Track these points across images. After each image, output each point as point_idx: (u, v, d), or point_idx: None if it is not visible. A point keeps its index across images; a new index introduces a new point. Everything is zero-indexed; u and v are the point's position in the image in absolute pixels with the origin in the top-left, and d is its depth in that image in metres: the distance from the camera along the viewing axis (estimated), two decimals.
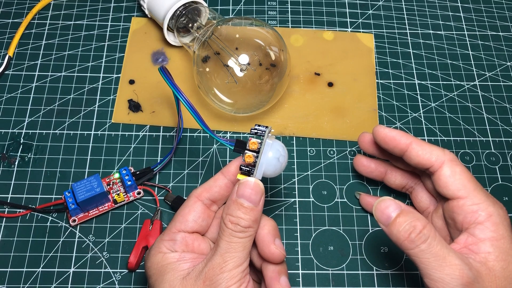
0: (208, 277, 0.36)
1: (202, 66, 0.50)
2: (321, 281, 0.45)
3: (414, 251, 0.36)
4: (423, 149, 0.41)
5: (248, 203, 0.37)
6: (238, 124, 0.53)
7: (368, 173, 0.48)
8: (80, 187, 0.45)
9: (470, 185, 0.40)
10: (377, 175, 0.48)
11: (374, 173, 0.48)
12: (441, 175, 0.40)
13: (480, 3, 0.63)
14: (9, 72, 0.55)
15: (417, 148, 0.41)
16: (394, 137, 0.42)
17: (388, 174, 0.47)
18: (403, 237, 0.36)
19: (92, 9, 0.60)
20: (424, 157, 0.41)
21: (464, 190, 0.39)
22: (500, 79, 0.57)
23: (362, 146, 0.47)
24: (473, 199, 0.39)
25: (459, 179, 0.40)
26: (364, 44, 0.59)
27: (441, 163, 0.40)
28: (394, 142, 0.42)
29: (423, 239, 0.35)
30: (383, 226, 0.37)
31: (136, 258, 0.44)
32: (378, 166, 0.48)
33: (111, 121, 0.53)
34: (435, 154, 0.41)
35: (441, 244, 0.36)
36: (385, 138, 0.43)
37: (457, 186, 0.39)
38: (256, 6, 0.61)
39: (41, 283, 0.44)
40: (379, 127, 0.43)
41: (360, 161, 0.48)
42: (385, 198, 0.38)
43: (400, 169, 0.47)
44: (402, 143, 0.42)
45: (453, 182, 0.40)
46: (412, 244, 0.36)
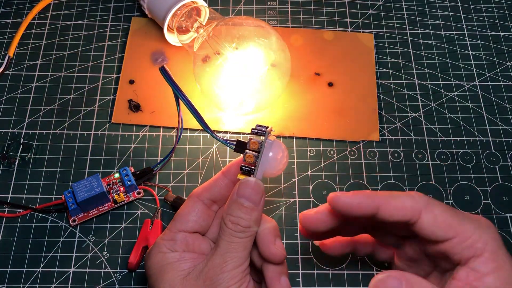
0: (209, 277, 0.36)
1: (202, 66, 0.50)
2: (321, 281, 0.45)
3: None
4: (395, 206, 0.36)
5: (249, 203, 0.37)
6: (238, 124, 0.53)
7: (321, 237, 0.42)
8: (80, 187, 0.45)
9: (455, 222, 0.36)
10: (331, 236, 0.42)
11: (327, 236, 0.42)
12: (423, 225, 0.36)
13: (480, 3, 0.63)
14: (9, 72, 0.55)
15: (388, 207, 0.36)
16: (358, 204, 0.36)
17: (342, 231, 0.41)
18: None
19: (92, 9, 0.60)
20: (399, 214, 0.36)
21: (452, 229, 0.36)
22: (500, 79, 0.57)
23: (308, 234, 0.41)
24: (464, 234, 0.36)
25: (443, 221, 0.36)
26: (364, 44, 0.59)
27: (418, 213, 0.36)
28: (360, 209, 0.36)
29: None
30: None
31: (136, 258, 0.44)
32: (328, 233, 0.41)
33: (111, 121, 0.53)
34: (408, 206, 0.36)
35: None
36: (350, 207, 0.36)
37: (444, 229, 0.36)
38: (256, 6, 0.61)
39: (41, 283, 0.44)
40: (336, 196, 0.37)
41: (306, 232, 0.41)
42: (383, 276, 0.33)
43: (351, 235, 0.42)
44: (369, 208, 0.36)
45: (438, 227, 0.36)
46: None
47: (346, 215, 0.37)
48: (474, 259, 0.36)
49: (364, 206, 0.36)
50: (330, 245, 0.43)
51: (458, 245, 0.36)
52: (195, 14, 0.54)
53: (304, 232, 0.40)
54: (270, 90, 0.51)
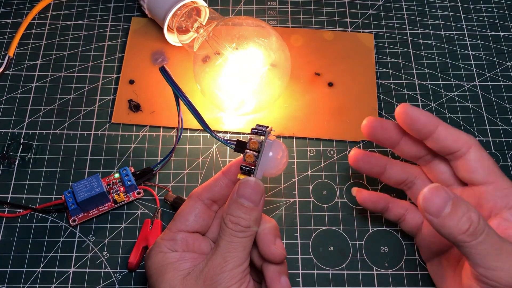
0: (209, 277, 0.36)
1: (202, 66, 0.50)
2: (321, 281, 0.45)
3: (471, 243, 0.34)
4: (451, 132, 0.40)
5: (249, 203, 0.37)
6: (238, 124, 0.53)
7: (366, 168, 0.45)
8: (80, 187, 0.45)
9: (498, 171, 0.39)
10: (376, 171, 0.45)
11: (373, 169, 0.45)
12: (470, 160, 0.39)
13: (480, 3, 0.63)
14: (9, 72, 0.55)
15: (445, 131, 0.40)
16: (422, 117, 0.40)
17: (387, 168, 0.45)
18: (461, 231, 0.34)
19: (92, 9, 0.60)
20: (453, 140, 0.39)
21: (493, 175, 0.39)
22: (500, 79, 0.57)
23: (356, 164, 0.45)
24: (502, 183, 0.38)
25: (487, 164, 0.39)
26: (364, 44, 0.59)
27: (469, 148, 0.39)
28: (421, 122, 0.40)
29: (481, 230, 0.34)
30: (432, 218, 0.34)
31: (136, 258, 0.44)
32: (376, 160, 0.45)
33: (111, 121, 0.53)
34: (463, 137, 0.39)
35: (495, 233, 0.35)
36: (413, 118, 0.40)
37: (486, 170, 0.39)
38: (256, 6, 0.61)
39: (41, 283, 0.44)
40: (405, 105, 0.40)
41: (357, 155, 0.45)
42: (434, 186, 0.35)
43: (400, 162, 0.45)
44: (430, 124, 0.40)
45: (482, 166, 0.39)
46: (471, 237, 0.34)
47: (408, 124, 0.40)
48: (506, 210, 0.38)
49: (425, 121, 0.40)
50: (367, 196, 0.45)
51: (494, 192, 0.38)
52: (195, 14, 0.54)
53: (355, 158, 0.44)
54: (270, 90, 0.51)
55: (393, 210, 0.45)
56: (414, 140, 0.42)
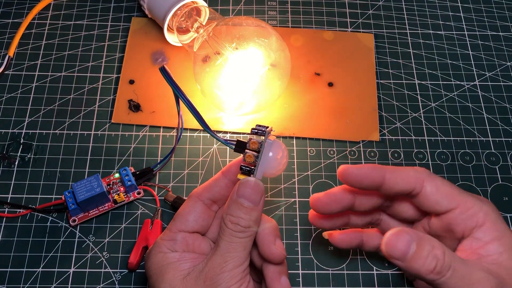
0: (209, 277, 0.36)
1: (202, 66, 0.50)
2: (321, 281, 0.45)
3: (441, 280, 0.34)
4: (399, 176, 0.39)
5: (248, 203, 0.37)
6: (238, 124, 0.53)
7: (329, 225, 0.43)
8: (80, 187, 0.45)
9: (458, 193, 0.38)
10: (340, 224, 0.43)
11: (336, 224, 0.43)
12: (427, 194, 0.38)
13: (480, 3, 0.63)
14: (9, 72, 0.55)
15: (393, 176, 0.39)
16: (366, 173, 0.39)
17: (350, 218, 0.43)
18: (428, 271, 0.33)
19: (92, 9, 0.60)
20: (403, 183, 0.38)
21: (454, 200, 0.38)
22: (500, 79, 0.57)
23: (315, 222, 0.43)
24: (466, 204, 0.38)
25: (445, 191, 0.38)
26: (364, 44, 0.59)
27: (422, 183, 0.38)
28: (368, 179, 0.39)
29: (448, 266, 0.34)
30: (398, 262, 0.34)
31: (136, 258, 0.44)
32: (337, 217, 0.43)
33: (111, 121, 0.53)
34: (412, 176, 0.39)
35: (462, 263, 0.34)
36: (358, 177, 0.39)
37: (447, 199, 0.38)
38: (256, 6, 0.61)
39: (41, 283, 0.44)
40: (346, 168, 0.39)
41: (316, 217, 0.43)
42: (396, 231, 0.34)
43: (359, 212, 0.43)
44: (376, 178, 0.38)
45: (442, 196, 0.38)
46: (439, 275, 0.33)
47: (354, 185, 0.39)
48: (476, 229, 0.37)
49: (371, 175, 0.39)
50: (339, 236, 0.44)
51: (461, 215, 0.38)
52: (195, 14, 0.54)
53: (315, 218, 0.43)
54: (270, 90, 0.51)
55: (369, 243, 0.44)
56: (366, 195, 0.41)
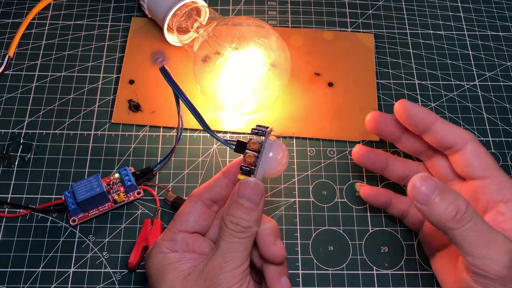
0: (209, 277, 0.36)
1: (202, 66, 0.50)
2: (321, 281, 0.45)
3: (459, 230, 0.35)
4: (448, 127, 0.41)
5: (249, 203, 0.37)
6: (238, 124, 0.53)
7: (369, 164, 0.46)
8: (80, 187, 0.45)
9: (494, 165, 0.40)
10: (378, 166, 0.46)
11: (376, 164, 0.46)
12: (466, 154, 0.40)
13: (480, 3, 0.63)
14: (9, 72, 0.55)
15: (442, 125, 0.41)
16: (419, 113, 0.41)
17: (390, 164, 0.46)
18: (448, 217, 0.35)
19: (92, 9, 0.60)
20: (449, 135, 0.40)
21: (489, 169, 0.39)
22: (500, 79, 0.57)
23: (359, 160, 0.46)
24: (498, 178, 0.39)
25: (484, 158, 0.40)
26: (364, 44, 0.59)
27: (465, 142, 0.40)
28: (419, 117, 0.41)
29: (468, 218, 0.35)
30: (420, 205, 0.35)
31: (136, 258, 0.44)
32: (379, 156, 0.46)
33: (111, 121, 0.53)
34: (459, 132, 0.41)
35: (484, 222, 0.35)
36: (410, 114, 0.41)
37: (483, 165, 0.39)
38: (256, 6, 0.61)
39: (41, 283, 0.44)
40: (404, 102, 0.42)
41: (361, 152, 0.46)
42: (422, 175, 0.36)
43: (402, 159, 0.46)
44: (427, 119, 0.41)
45: (479, 161, 0.40)
46: (458, 224, 0.35)
47: (405, 120, 0.42)
48: (502, 203, 0.38)
49: (423, 118, 0.41)
50: (370, 190, 0.46)
51: (490, 186, 0.39)
52: (195, 14, 0.54)
53: (359, 154, 0.46)
54: (270, 90, 0.51)
55: (396, 205, 0.46)
56: (414, 135, 0.43)
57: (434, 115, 0.41)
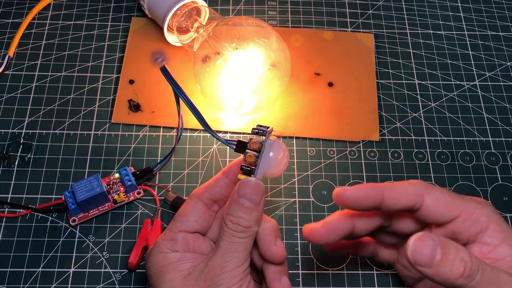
0: (209, 277, 0.36)
1: (202, 66, 0.50)
2: (321, 281, 0.45)
3: (471, 285, 0.32)
4: (398, 192, 0.37)
5: (249, 203, 0.37)
6: (238, 124, 0.53)
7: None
8: (80, 187, 0.45)
9: (457, 201, 0.37)
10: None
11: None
12: (429, 207, 0.37)
13: (480, 3, 0.63)
14: (9, 72, 0.55)
15: (392, 194, 0.37)
16: (364, 195, 0.37)
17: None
18: (457, 275, 0.32)
19: (92, 9, 0.60)
20: (404, 200, 0.37)
21: (456, 208, 0.37)
22: (500, 79, 0.57)
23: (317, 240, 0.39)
24: (468, 211, 0.37)
25: (445, 201, 0.37)
26: (364, 44, 0.59)
27: (421, 196, 0.37)
28: (366, 200, 0.37)
29: (476, 269, 0.32)
30: (425, 269, 0.33)
31: (136, 258, 0.44)
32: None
33: (111, 121, 0.53)
34: (411, 190, 0.37)
35: (487, 265, 0.33)
36: (356, 199, 0.37)
37: (448, 209, 0.37)
38: (256, 6, 0.61)
39: (41, 283, 0.44)
40: (342, 191, 0.37)
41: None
42: (419, 236, 0.33)
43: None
44: (375, 197, 0.37)
45: (443, 207, 0.37)
46: (469, 279, 0.32)
47: (352, 208, 0.38)
48: (482, 233, 0.37)
49: (370, 196, 0.37)
50: (333, 246, 0.43)
51: (464, 223, 0.37)
52: (195, 14, 0.54)
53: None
54: (270, 90, 0.51)
55: (363, 251, 0.44)
56: (365, 217, 0.40)
57: (377, 186, 0.37)
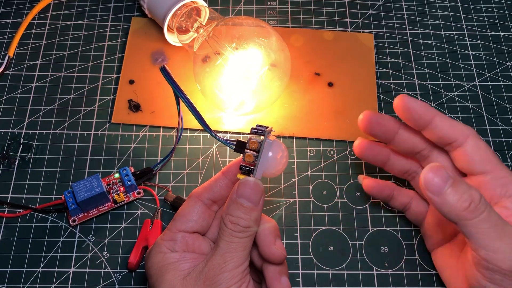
0: (209, 277, 0.36)
1: (202, 66, 0.50)
2: (321, 281, 0.45)
3: (473, 221, 0.34)
4: (448, 122, 0.40)
5: (248, 203, 0.37)
6: (238, 124, 0.53)
7: (370, 157, 0.46)
8: (80, 187, 0.45)
9: (495, 160, 0.39)
10: (380, 159, 0.46)
11: (376, 157, 0.46)
12: (467, 150, 0.39)
13: (480, 3, 0.63)
14: (9, 72, 0.55)
15: (442, 121, 0.40)
16: (419, 107, 0.40)
17: (391, 158, 0.45)
18: (462, 207, 0.34)
19: (92, 9, 0.60)
20: (450, 130, 0.40)
21: (491, 164, 0.39)
22: (500, 79, 0.57)
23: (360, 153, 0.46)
24: (500, 172, 0.38)
25: (485, 153, 0.39)
26: (364, 44, 0.59)
27: (466, 138, 0.39)
28: (419, 112, 0.40)
29: (482, 208, 0.34)
30: (432, 196, 0.35)
31: (136, 258, 0.44)
32: (380, 150, 0.45)
33: (111, 121, 0.53)
34: (460, 127, 0.40)
35: (496, 213, 0.35)
36: (410, 109, 0.40)
37: (484, 160, 0.39)
38: (256, 6, 0.61)
39: (41, 283, 0.44)
40: (404, 96, 0.41)
41: (362, 145, 0.45)
42: (434, 165, 0.35)
43: (402, 153, 0.45)
44: (427, 114, 0.40)
45: (480, 156, 0.39)
46: (472, 214, 0.34)
47: (404, 117, 0.41)
48: (505, 198, 0.38)
49: (423, 111, 0.40)
50: (373, 183, 0.46)
51: (492, 181, 0.38)
52: (195, 14, 0.54)
53: (360, 146, 0.45)
54: (270, 90, 0.51)
55: (398, 198, 0.46)
56: (409, 134, 0.43)
57: (434, 110, 0.41)
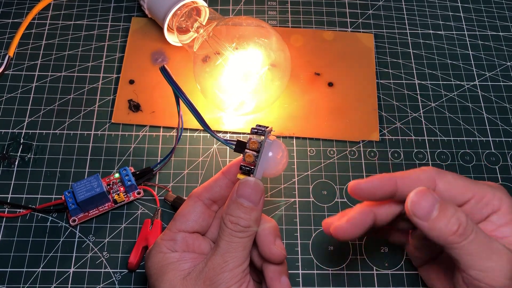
0: (209, 277, 0.36)
1: (202, 66, 0.50)
2: (321, 281, 0.45)
3: (461, 244, 0.34)
4: (410, 180, 0.37)
5: (248, 203, 0.37)
6: (238, 124, 0.53)
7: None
8: (80, 187, 0.45)
9: (470, 184, 0.38)
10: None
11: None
12: (441, 192, 0.37)
13: (480, 3, 0.63)
14: (9, 72, 0.55)
15: (405, 182, 0.37)
16: (378, 185, 0.37)
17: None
18: (451, 231, 0.34)
19: (92, 9, 0.60)
20: (416, 187, 0.37)
21: (468, 191, 0.38)
22: (500, 79, 0.57)
23: None
24: (480, 193, 0.37)
25: (458, 185, 0.38)
26: (364, 44, 0.59)
27: (433, 181, 0.38)
28: (381, 189, 0.37)
29: (470, 230, 0.34)
30: (421, 221, 0.34)
31: (136, 258, 0.44)
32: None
33: (111, 121, 0.53)
34: (423, 177, 0.38)
35: (483, 232, 0.34)
36: (370, 190, 0.38)
37: (461, 192, 0.37)
38: (256, 6, 0.61)
39: (41, 283, 0.44)
40: (356, 184, 0.38)
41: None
42: (420, 190, 0.35)
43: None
44: (389, 187, 0.37)
45: (455, 191, 0.37)
46: (461, 238, 0.34)
47: (368, 199, 0.39)
48: (492, 214, 0.37)
49: (383, 186, 0.37)
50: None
51: (476, 205, 0.37)
52: (195, 14, 0.54)
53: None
54: (270, 90, 0.51)
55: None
56: (384, 206, 0.39)
57: (391, 177, 0.37)
